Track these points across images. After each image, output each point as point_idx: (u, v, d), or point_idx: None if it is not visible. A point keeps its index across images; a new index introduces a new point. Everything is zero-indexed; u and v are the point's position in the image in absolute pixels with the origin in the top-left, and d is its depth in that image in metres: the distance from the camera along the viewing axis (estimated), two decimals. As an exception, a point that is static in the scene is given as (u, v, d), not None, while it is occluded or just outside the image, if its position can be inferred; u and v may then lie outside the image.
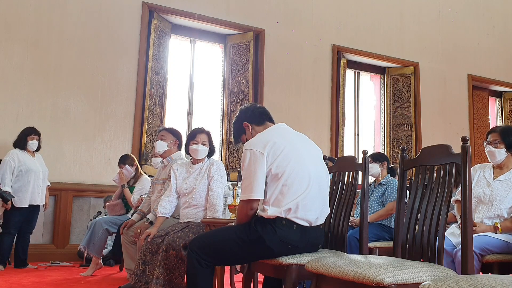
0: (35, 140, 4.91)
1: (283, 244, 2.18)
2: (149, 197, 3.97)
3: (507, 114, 8.91)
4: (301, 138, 2.41)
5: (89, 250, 4.39)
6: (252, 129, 2.46)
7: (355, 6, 7.54)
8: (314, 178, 2.26)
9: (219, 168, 3.39)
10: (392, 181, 4.06)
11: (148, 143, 5.99)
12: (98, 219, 4.55)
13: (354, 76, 7.84)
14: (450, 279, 1.39)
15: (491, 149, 2.92)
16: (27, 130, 4.91)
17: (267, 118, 2.49)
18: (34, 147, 4.92)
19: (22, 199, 4.77)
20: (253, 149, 2.22)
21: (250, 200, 2.20)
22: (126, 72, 5.95)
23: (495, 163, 2.94)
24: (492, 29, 8.75)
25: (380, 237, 3.85)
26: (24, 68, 5.49)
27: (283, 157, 2.21)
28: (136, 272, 3.20)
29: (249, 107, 2.55)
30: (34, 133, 4.91)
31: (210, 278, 2.27)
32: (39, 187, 4.89)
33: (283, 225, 2.18)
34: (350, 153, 7.39)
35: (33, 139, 4.90)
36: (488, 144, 2.94)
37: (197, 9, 6.42)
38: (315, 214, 2.25)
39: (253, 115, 2.48)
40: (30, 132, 4.90)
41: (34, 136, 4.91)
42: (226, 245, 2.24)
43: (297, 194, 2.19)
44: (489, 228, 2.76)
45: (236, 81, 6.76)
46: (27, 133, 4.89)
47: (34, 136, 4.91)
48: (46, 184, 4.99)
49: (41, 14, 5.62)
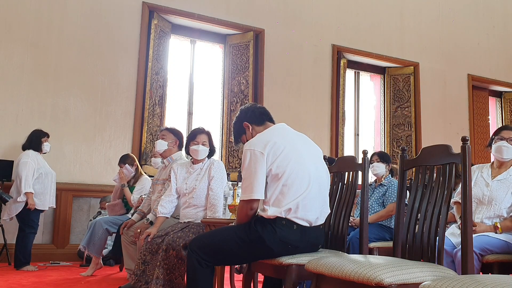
0: (48, 142, 4.96)
1: (283, 244, 2.17)
2: (149, 197, 3.97)
3: (507, 114, 8.91)
4: (301, 138, 2.41)
5: (89, 250, 4.39)
6: (252, 129, 2.46)
7: (355, 6, 7.54)
8: (314, 178, 2.26)
9: (219, 168, 3.39)
10: (393, 182, 4.05)
11: (148, 143, 5.99)
12: (98, 219, 4.55)
13: (354, 76, 7.84)
14: (450, 279, 1.39)
15: (507, 145, 2.87)
16: (39, 132, 4.93)
17: (267, 118, 2.49)
18: (48, 149, 4.97)
19: (44, 201, 4.83)
20: (253, 149, 2.22)
21: (250, 200, 2.20)
22: (126, 72, 5.95)
23: (504, 160, 2.91)
24: (492, 29, 8.75)
25: (381, 238, 3.85)
26: (24, 68, 5.49)
27: (283, 157, 2.21)
28: (136, 272, 3.20)
29: (249, 107, 2.55)
30: (47, 135, 4.96)
31: (210, 278, 2.27)
32: (54, 190, 4.97)
33: (283, 225, 2.18)
34: (350, 153, 7.39)
35: (47, 141, 4.95)
36: (501, 140, 2.89)
37: (197, 9, 6.42)
38: (315, 214, 2.25)
39: (253, 115, 2.48)
40: (43, 134, 4.94)
41: (47, 138, 4.96)
42: (226, 245, 2.24)
43: (298, 194, 2.19)
44: (489, 228, 2.76)
45: (236, 81, 6.76)
46: (41, 135, 4.91)
47: (47, 138, 4.97)
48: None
49: (41, 14, 5.62)
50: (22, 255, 4.67)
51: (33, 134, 4.91)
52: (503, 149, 2.88)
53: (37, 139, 4.88)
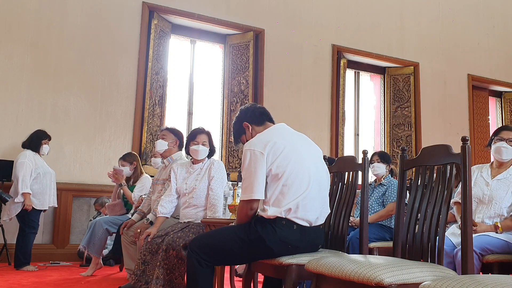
0: (47, 144, 4.96)
1: (283, 244, 2.17)
2: (149, 197, 3.97)
3: (507, 114, 8.90)
4: (301, 138, 2.41)
5: (89, 250, 4.39)
6: (252, 129, 2.46)
7: (355, 6, 7.54)
8: (314, 178, 2.26)
9: (220, 168, 3.39)
10: (392, 181, 4.05)
11: (148, 143, 5.99)
12: (98, 219, 4.55)
13: (354, 76, 7.84)
14: (450, 279, 1.39)
15: (506, 146, 2.88)
16: (42, 133, 4.92)
17: (267, 118, 2.49)
18: (46, 152, 4.97)
19: (43, 201, 4.83)
20: (253, 149, 2.22)
21: (251, 200, 2.20)
22: (126, 72, 5.95)
23: (503, 161, 2.91)
24: (492, 29, 8.75)
25: (381, 238, 3.85)
26: (24, 68, 5.49)
27: (283, 157, 2.21)
28: (136, 272, 3.20)
29: (249, 107, 2.54)
30: (48, 138, 4.96)
31: (210, 278, 2.27)
32: (54, 189, 4.98)
33: (283, 225, 2.18)
34: (350, 153, 7.39)
35: (47, 143, 4.94)
36: (501, 140, 2.89)
37: (197, 9, 6.42)
38: (315, 214, 2.25)
39: (253, 115, 2.48)
40: (45, 136, 4.93)
41: (47, 141, 4.95)
42: (226, 245, 2.24)
43: (297, 194, 2.19)
44: (490, 228, 2.76)
45: (236, 81, 6.76)
46: (42, 137, 4.90)
47: (48, 141, 4.96)
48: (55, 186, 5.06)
49: (41, 14, 5.62)
50: (22, 255, 4.68)
51: (35, 134, 4.91)
52: (502, 150, 2.89)
53: (38, 139, 4.88)
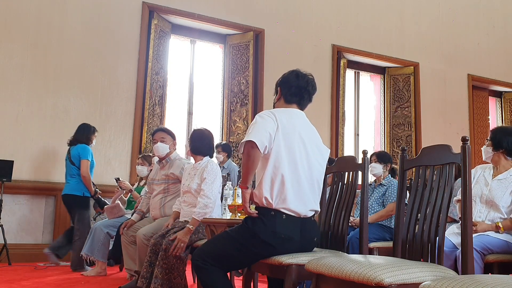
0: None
1: (276, 235, 2.18)
2: (147, 196, 4.00)
3: (507, 114, 8.90)
4: (309, 130, 2.40)
5: (94, 256, 4.35)
6: (279, 98, 2.43)
7: (355, 6, 7.54)
8: (307, 170, 2.27)
9: (212, 170, 3.41)
10: (392, 182, 4.05)
11: (148, 143, 5.98)
12: (97, 224, 4.50)
13: (354, 76, 7.84)
14: (450, 279, 1.39)
15: (484, 147, 3.01)
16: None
17: (297, 101, 2.42)
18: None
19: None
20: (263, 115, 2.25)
21: (249, 141, 2.15)
22: (126, 72, 5.95)
23: (486, 161, 3.03)
24: (492, 29, 8.74)
25: (381, 238, 3.84)
26: (24, 68, 5.49)
27: (285, 141, 2.22)
28: (145, 275, 3.19)
29: (293, 81, 2.40)
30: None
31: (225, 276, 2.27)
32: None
33: (272, 216, 2.19)
34: (350, 153, 7.38)
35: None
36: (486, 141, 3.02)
37: (197, 9, 6.42)
38: (304, 206, 2.25)
39: (289, 90, 2.40)
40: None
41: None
42: (225, 252, 2.25)
43: (288, 184, 2.20)
44: (490, 227, 2.76)
45: (236, 81, 6.76)
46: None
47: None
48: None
49: (41, 14, 5.62)
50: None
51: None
52: (482, 152, 3.02)
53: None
